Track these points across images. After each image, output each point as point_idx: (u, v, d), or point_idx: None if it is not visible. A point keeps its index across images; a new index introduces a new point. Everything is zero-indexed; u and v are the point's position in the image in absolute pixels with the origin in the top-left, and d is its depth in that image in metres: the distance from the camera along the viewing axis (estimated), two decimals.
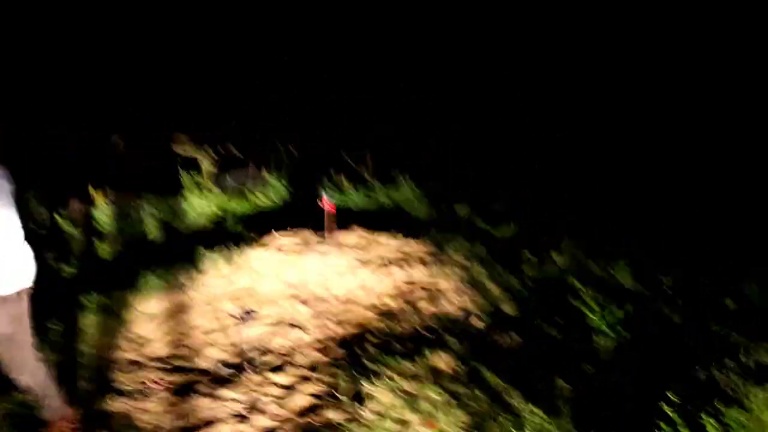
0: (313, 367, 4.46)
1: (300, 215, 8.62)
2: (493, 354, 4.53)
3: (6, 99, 8.46)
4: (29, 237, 3.51)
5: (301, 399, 4.04)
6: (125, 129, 11.20)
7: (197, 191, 10.01)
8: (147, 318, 5.48)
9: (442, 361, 4.40)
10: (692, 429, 2.85)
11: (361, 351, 4.60)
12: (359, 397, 3.94)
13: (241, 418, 3.87)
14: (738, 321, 4.95)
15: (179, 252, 6.84)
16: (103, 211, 8.63)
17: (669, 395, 3.17)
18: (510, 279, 6.14)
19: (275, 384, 4.27)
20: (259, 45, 12.01)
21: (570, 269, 6.50)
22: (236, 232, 7.84)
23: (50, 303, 5.46)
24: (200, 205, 9.30)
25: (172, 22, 11.42)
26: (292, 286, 5.95)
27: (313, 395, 4.08)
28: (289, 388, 4.20)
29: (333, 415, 3.81)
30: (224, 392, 4.18)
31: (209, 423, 3.84)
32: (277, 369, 4.48)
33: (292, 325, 5.20)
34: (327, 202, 7.02)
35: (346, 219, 8.06)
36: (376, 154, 11.79)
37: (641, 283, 5.99)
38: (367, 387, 4.02)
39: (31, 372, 3.54)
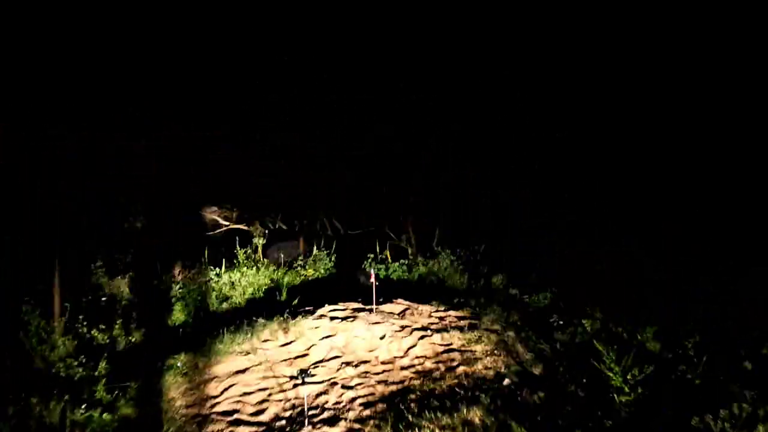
0: (361, 420, 5.08)
1: (347, 286, 9.35)
2: (521, 409, 5.10)
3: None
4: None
5: None
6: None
7: (251, 264, 10.83)
8: (213, 379, 6.17)
9: (474, 414, 4.98)
10: None
11: (403, 406, 5.22)
12: None
13: None
14: (755, 378, 5.45)
15: (239, 321, 7.58)
16: (165, 283, 9.47)
17: None
18: (540, 343, 6.70)
19: None
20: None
21: (599, 334, 7.02)
22: (290, 303, 8.55)
23: (128, 364, 6.30)
24: (255, 277, 10.06)
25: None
26: (341, 351, 6.62)
27: None
28: None
29: None
30: None
31: None
32: (330, 422, 5.11)
33: (343, 386, 5.85)
34: (373, 275, 7.75)
35: (390, 290, 8.75)
36: (417, 228, 12.39)
37: (667, 347, 6.48)
38: None
39: None
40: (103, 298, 8.77)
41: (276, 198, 13.75)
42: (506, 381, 5.75)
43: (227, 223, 14.20)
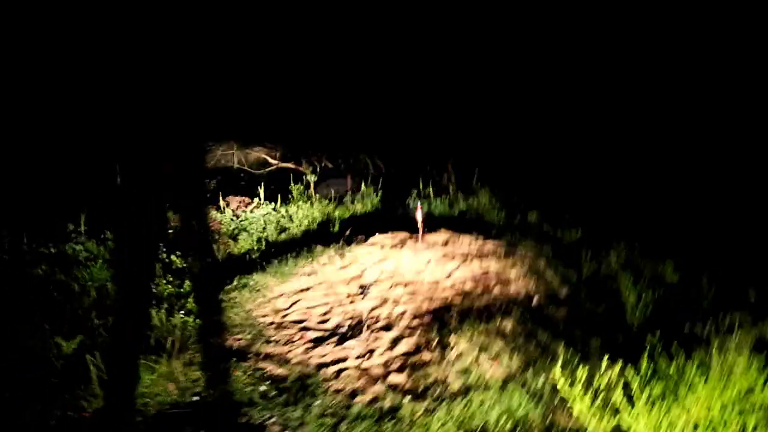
0: (411, 328, 6.06)
1: (393, 219, 10.25)
2: (547, 321, 6.01)
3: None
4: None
5: (404, 347, 5.65)
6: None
7: (304, 199, 11.81)
8: (281, 295, 7.22)
9: (507, 323, 5.92)
10: (667, 355, 4.27)
11: (446, 317, 6.18)
12: (445, 345, 5.52)
13: (362, 357, 5.50)
14: (755, 306, 6.25)
15: (298, 248, 8.60)
16: (227, 216, 10.51)
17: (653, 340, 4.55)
18: (568, 271, 7.55)
19: (385, 338, 5.89)
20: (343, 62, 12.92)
21: (623, 266, 7.82)
22: (342, 233, 9.52)
23: (207, 283, 7.37)
24: (309, 210, 11.03)
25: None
26: (391, 274, 7.58)
27: (412, 344, 5.67)
28: (395, 340, 5.81)
29: (427, 355, 5.40)
30: (348, 343, 5.83)
31: (340, 360, 5.49)
32: (385, 329, 6.10)
33: (394, 301, 6.82)
34: (418, 209, 8.66)
35: (433, 223, 9.64)
36: (457, 166, 13.12)
37: (684, 279, 7.27)
38: (450, 339, 5.59)
39: None
40: (170, 231, 9.86)
41: (320, 137, 14.53)
42: (535, 300, 6.65)
43: (276, 162, 15.20)
